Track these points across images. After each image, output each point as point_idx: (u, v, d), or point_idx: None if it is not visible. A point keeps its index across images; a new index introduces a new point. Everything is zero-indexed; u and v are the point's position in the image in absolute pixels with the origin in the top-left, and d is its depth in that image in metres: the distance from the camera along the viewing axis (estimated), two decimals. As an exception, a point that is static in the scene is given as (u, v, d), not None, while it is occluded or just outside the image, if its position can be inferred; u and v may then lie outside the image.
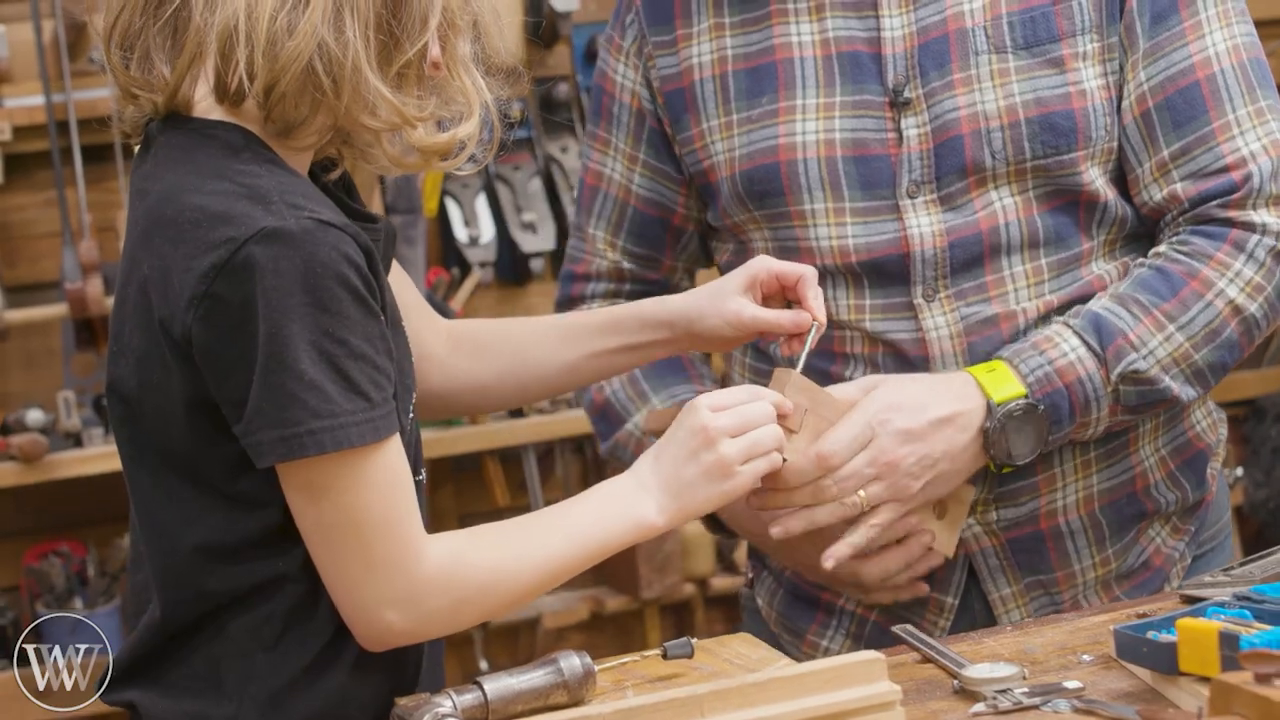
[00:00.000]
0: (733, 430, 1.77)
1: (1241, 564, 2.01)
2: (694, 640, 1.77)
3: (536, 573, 1.72)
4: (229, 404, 1.61)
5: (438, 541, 1.68)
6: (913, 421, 1.94)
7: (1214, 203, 2.01)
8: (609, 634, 4.08)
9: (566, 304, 2.24)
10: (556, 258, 4.15)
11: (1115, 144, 2.03)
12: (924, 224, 2.01)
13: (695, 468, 1.75)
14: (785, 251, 2.05)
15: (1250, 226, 2.00)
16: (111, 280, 3.53)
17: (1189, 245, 2.01)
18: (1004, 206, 2.01)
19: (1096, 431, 2.02)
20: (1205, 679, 1.59)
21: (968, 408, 1.96)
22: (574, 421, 4.00)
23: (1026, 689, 1.72)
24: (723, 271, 2.17)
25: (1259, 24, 2.14)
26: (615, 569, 4.21)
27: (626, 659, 1.78)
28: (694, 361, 2.22)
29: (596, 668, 1.70)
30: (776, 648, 2.10)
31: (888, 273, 2.03)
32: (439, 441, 3.92)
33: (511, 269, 4.13)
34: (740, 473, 1.77)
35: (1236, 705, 1.45)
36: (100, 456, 3.63)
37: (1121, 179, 2.06)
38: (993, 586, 2.08)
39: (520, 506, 4.05)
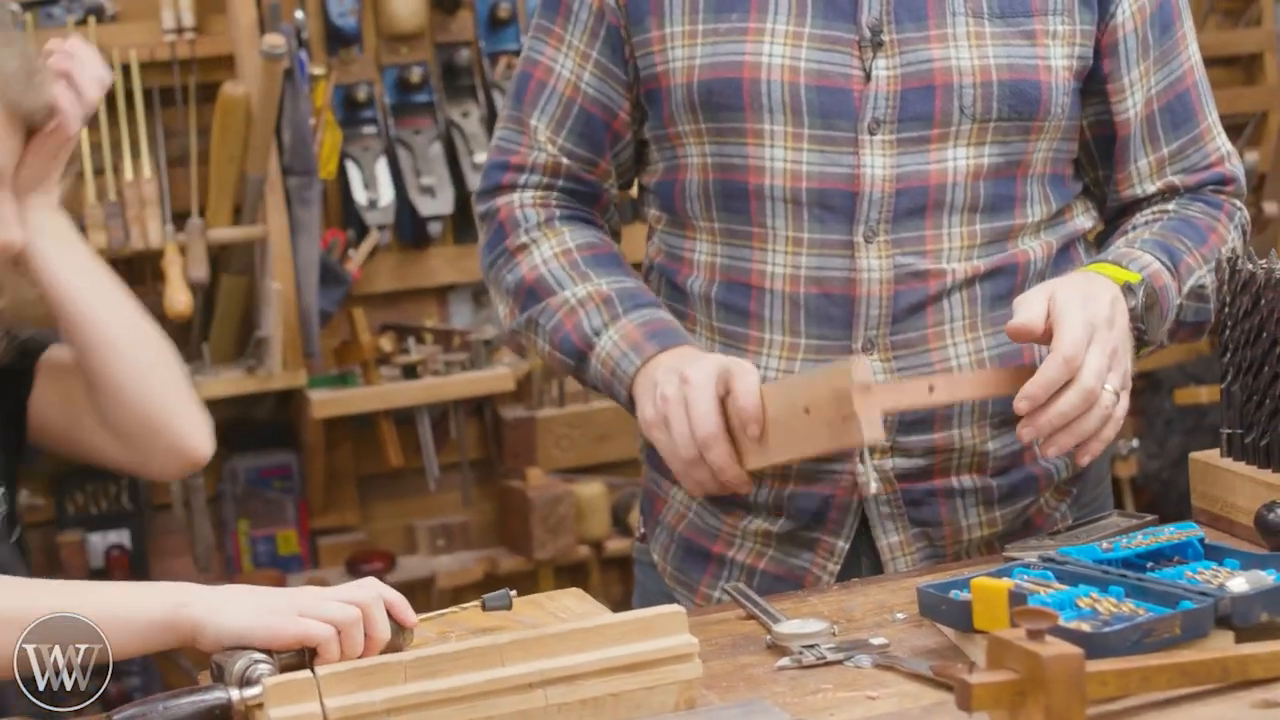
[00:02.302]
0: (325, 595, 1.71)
1: (1070, 528, 2.07)
2: (512, 593, 1.81)
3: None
4: None
5: None
6: (1104, 307, 1.97)
7: (1208, 188, 2.24)
8: (503, 594, 4.08)
9: (494, 192, 2.22)
10: (455, 221, 4.18)
11: (1065, 124, 2.12)
12: (878, 164, 2.05)
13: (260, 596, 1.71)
14: (728, 169, 2.09)
15: (1234, 205, 2.24)
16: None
17: (1197, 206, 2.21)
18: (955, 167, 2.07)
19: (1155, 345, 2.10)
20: (998, 636, 1.64)
21: (1115, 292, 2.01)
22: (469, 383, 4.03)
23: (834, 644, 1.77)
24: (643, 194, 2.22)
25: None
26: (509, 530, 4.25)
27: (448, 611, 1.82)
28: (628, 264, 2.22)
29: (418, 619, 1.74)
30: (670, 601, 2.14)
31: (833, 206, 2.06)
32: (334, 401, 3.95)
33: (410, 232, 4.16)
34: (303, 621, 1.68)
35: (1009, 660, 1.49)
36: None
37: (1064, 162, 2.16)
38: (881, 533, 2.12)
39: (415, 468, 4.09)
